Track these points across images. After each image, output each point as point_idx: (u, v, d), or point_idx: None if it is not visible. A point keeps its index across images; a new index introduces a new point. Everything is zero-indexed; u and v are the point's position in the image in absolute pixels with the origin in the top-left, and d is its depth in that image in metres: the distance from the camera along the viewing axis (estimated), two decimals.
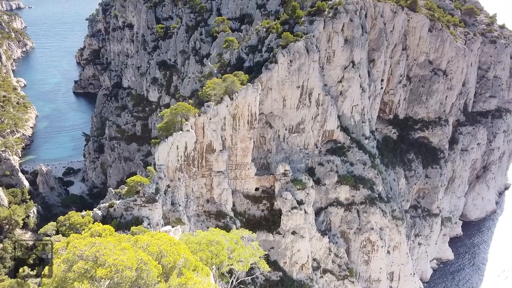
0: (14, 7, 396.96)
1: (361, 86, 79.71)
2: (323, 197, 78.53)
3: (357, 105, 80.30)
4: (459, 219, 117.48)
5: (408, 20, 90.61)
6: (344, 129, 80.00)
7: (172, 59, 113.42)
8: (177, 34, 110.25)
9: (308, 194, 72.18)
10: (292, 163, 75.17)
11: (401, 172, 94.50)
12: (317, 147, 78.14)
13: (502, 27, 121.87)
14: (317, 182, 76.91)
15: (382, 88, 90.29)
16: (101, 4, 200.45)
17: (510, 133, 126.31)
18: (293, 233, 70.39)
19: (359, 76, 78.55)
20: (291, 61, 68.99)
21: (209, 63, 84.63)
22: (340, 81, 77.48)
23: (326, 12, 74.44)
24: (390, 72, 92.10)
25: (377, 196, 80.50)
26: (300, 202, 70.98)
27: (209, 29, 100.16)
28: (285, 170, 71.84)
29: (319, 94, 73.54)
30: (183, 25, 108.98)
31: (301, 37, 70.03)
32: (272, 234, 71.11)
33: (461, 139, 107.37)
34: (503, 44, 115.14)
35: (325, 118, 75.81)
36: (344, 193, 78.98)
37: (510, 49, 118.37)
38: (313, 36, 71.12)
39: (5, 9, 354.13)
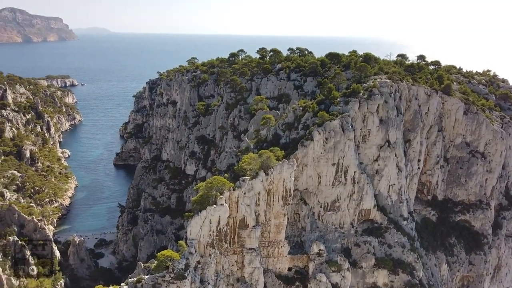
0: (68, 84, 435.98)
1: (397, 166, 78.91)
2: (359, 281, 73.94)
3: (394, 184, 78.82)
4: None
5: (443, 103, 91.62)
6: (381, 208, 77.80)
7: (211, 134, 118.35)
8: (217, 111, 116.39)
9: (343, 277, 68.43)
10: (327, 242, 72.66)
11: (443, 258, 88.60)
12: (353, 227, 75.72)
13: None
14: (353, 264, 73.15)
15: (419, 168, 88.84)
16: (148, 82, 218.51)
17: None
18: None
19: (395, 155, 78.21)
20: (326, 138, 70.27)
21: (246, 138, 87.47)
22: (376, 160, 77.25)
23: (361, 94, 77.02)
24: (426, 153, 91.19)
25: (417, 282, 75.00)
26: (335, 286, 67.17)
27: (248, 107, 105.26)
28: (320, 250, 69.30)
29: (354, 172, 73.24)
30: (223, 102, 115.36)
31: (337, 116, 72.05)
32: None
33: (505, 224, 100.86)
34: None
35: (361, 196, 74.49)
36: (382, 277, 74.25)
37: None
38: (349, 116, 72.98)
39: (59, 86, 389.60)
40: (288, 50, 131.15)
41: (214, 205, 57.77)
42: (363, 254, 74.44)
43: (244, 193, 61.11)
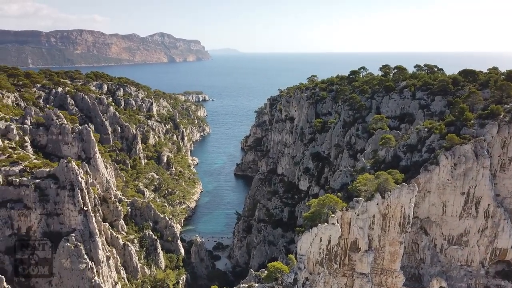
0: (201, 99, 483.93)
1: None
2: None
3: None
4: None
5: None
6: None
7: (326, 152, 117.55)
8: (333, 129, 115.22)
9: None
10: (450, 279, 65.05)
11: None
12: (483, 266, 66.30)
13: None
14: None
15: None
16: (269, 99, 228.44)
17: None
18: None
19: None
20: (455, 164, 63.53)
21: (363, 158, 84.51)
22: None
23: (501, 116, 67.82)
24: None
25: None
26: None
27: (366, 125, 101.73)
28: (441, 287, 62.41)
29: (489, 204, 64.34)
30: (340, 120, 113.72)
31: (469, 140, 64.67)
32: None
33: None
34: None
35: (495, 233, 64.91)
36: None
37: None
38: (484, 140, 64.77)
39: (194, 100, 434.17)
40: (414, 67, 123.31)
41: (326, 224, 57.17)
42: None
43: (357, 215, 59.00)
